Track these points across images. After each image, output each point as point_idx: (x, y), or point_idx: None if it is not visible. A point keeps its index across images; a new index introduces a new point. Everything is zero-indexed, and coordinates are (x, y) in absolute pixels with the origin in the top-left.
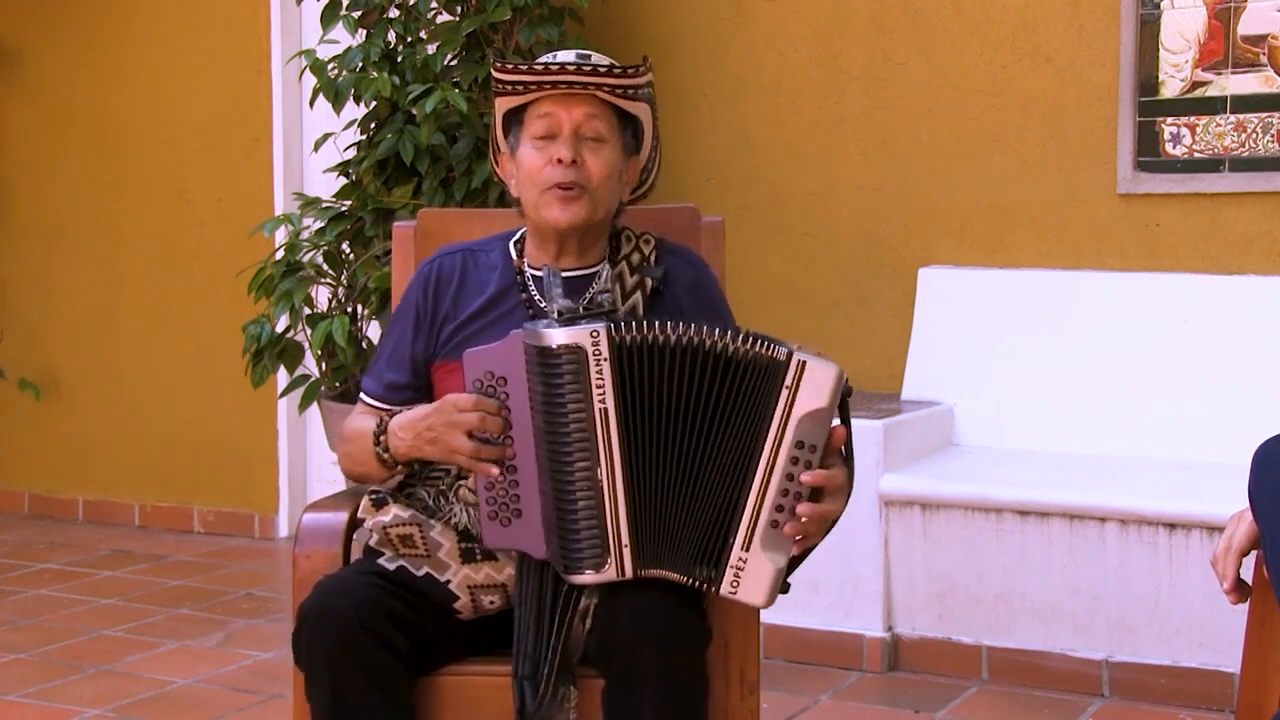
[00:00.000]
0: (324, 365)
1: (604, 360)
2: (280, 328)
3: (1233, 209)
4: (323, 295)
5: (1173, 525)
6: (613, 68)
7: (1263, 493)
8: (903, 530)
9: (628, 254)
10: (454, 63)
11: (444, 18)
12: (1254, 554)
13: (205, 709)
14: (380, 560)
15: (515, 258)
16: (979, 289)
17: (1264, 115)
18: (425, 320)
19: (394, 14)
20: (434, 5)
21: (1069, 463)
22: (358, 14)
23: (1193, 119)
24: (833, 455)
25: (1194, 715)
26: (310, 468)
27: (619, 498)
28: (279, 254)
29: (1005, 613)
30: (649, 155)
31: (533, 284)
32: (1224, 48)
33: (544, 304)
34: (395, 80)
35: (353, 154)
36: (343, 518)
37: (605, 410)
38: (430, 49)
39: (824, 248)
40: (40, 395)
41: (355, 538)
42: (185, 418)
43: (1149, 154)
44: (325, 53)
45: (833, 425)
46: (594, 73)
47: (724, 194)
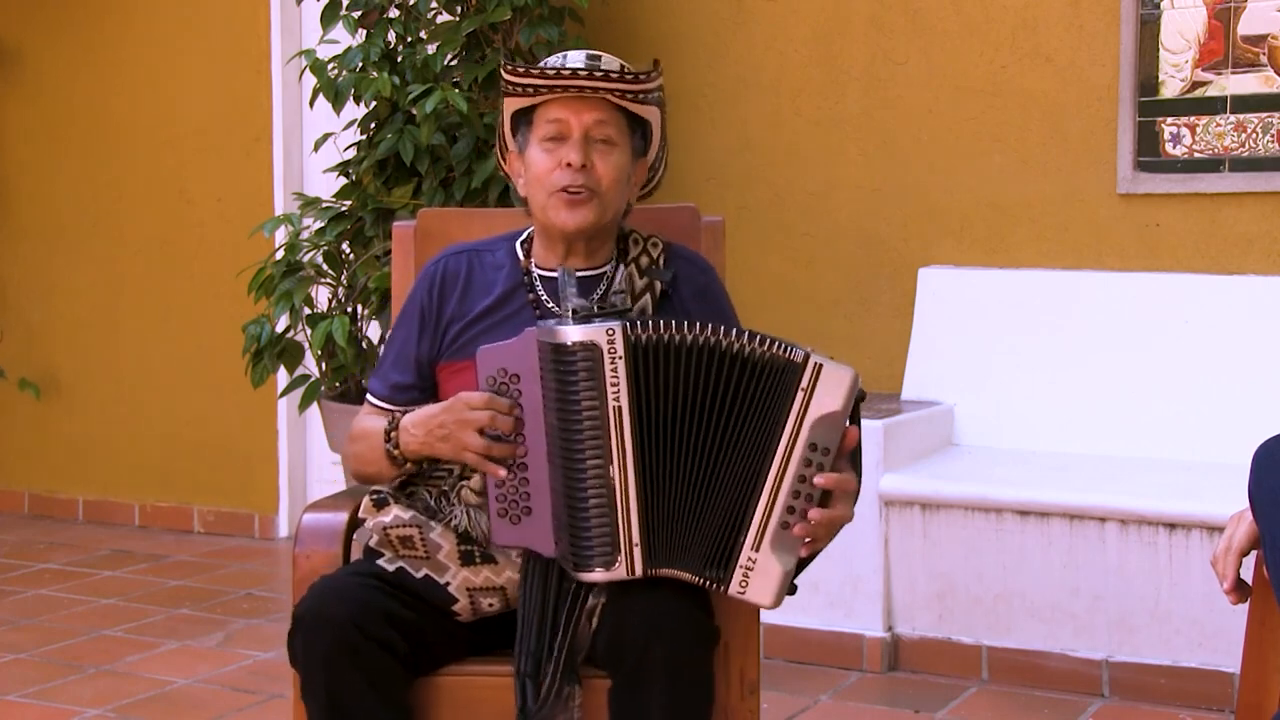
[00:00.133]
0: (324, 365)
1: (619, 358)
2: (280, 328)
3: (1233, 209)
4: (323, 295)
5: (1173, 525)
6: (625, 73)
7: (1263, 493)
8: (903, 530)
9: (636, 256)
10: (454, 63)
11: (444, 18)
12: (1254, 554)
13: (205, 709)
14: (380, 561)
15: (522, 258)
16: (979, 289)
17: (1264, 115)
18: (430, 321)
19: (394, 14)
20: (434, 5)
21: (1069, 463)
22: (358, 14)
23: (1193, 119)
24: (844, 458)
25: (1194, 715)
26: (310, 468)
27: (631, 496)
28: (279, 254)
29: (1005, 613)
30: (656, 156)
31: (540, 285)
32: (1224, 48)
33: (551, 304)
34: (395, 80)
35: (353, 154)
36: (343, 518)
37: (619, 408)
38: (430, 49)
39: (824, 248)
40: (40, 395)
41: (355, 538)
42: (185, 418)
43: (1149, 154)
44: (325, 53)
45: (845, 428)
46: (606, 78)
47: (724, 194)
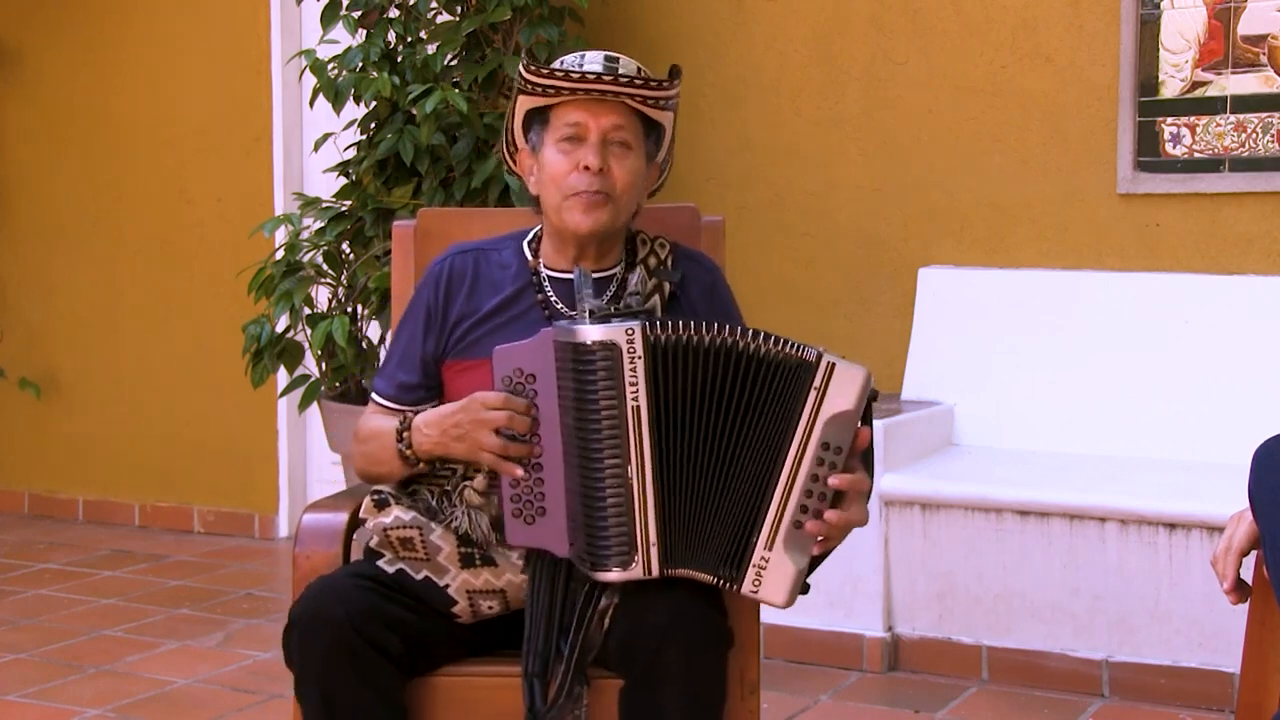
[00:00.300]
0: (324, 365)
1: (638, 358)
2: (280, 328)
3: (1233, 209)
4: (323, 295)
5: (1173, 525)
6: (648, 80)
7: (1263, 493)
8: (903, 530)
9: (644, 257)
10: (454, 63)
11: (444, 18)
12: (1254, 554)
13: (205, 709)
14: (380, 563)
15: (530, 258)
16: (979, 289)
17: (1264, 115)
18: (436, 319)
19: (394, 14)
20: (434, 5)
21: (1069, 463)
22: (358, 14)
23: (1193, 119)
24: (856, 457)
25: (1194, 715)
26: (310, 468)
27: (648, 496)
28: (279, 254)
29: (1005, 613)
30: (665, 158)
31: (549, 285)
32: (1224, 48)
33: (560, 305)
34: (395, 80)
35: (353, 154)
36: (343, 518)
37: (638, 408)
38: (430, 49)
39: (824, 248)
40: (40, 395)
41: (355, 538)
42: (185, 418)
43: (1149, 154)
44: (325, 53)
45: (857, 428)
46: (630, 83)
47: (724, 194)
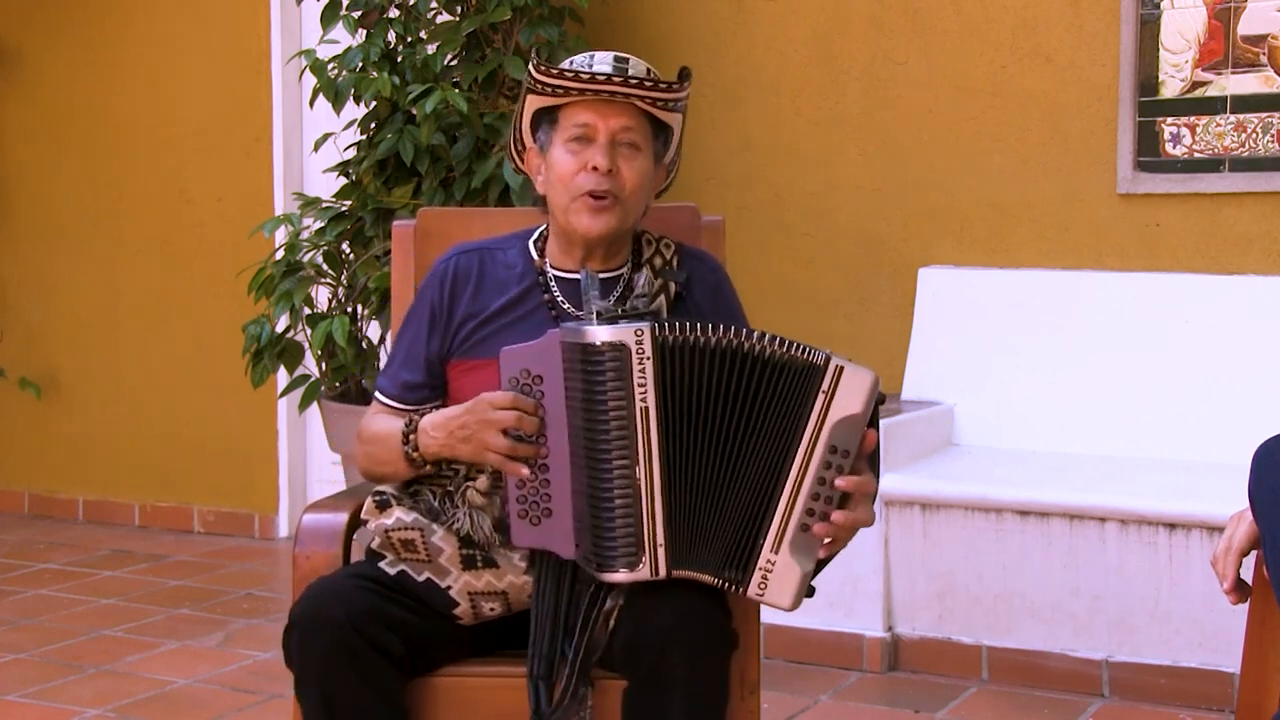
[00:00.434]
0: (324, 365)
1: (647, 359)
2: (280, 328)
3: (1233, 209)
4: (323, 295)
5: (1173, 525)
6: (658, 82)
7: (1263, 493)
8: (903, 530)
9: (649, 257)
10: (454, 63)
11: (444, 18)
12: (1254, 554)
13: (205, 709)
14: (381, 564)
15: (536, 258)
16: (979, 289)
17: (1264, 115)
18: (441, 319)
19: (394, 14)
20: (434, 5)
21: (1069, 463)
22: (358, 14)
23: (1193, 119)
24: (864, 460)
25: (1194, 715)
26: (310, 468)
27: (656, 497)
28: (279, 254)
29: (1005, 613)
30: (672, 159)
31: (556, 285)
32: (1224, 48)
33: (567, 305)
34: (395, 80)
35: (353, 154)
36: (343, 518)
37: (646, 409)
38: (430, 49)
39: (824, 248)
40: (40, 395)
41: (356, 538)
42: (185, 418)
43: (1149, 154)
44: (325, 53)
45: (865, 430)
46: (639, 85)
47: (724, 194)
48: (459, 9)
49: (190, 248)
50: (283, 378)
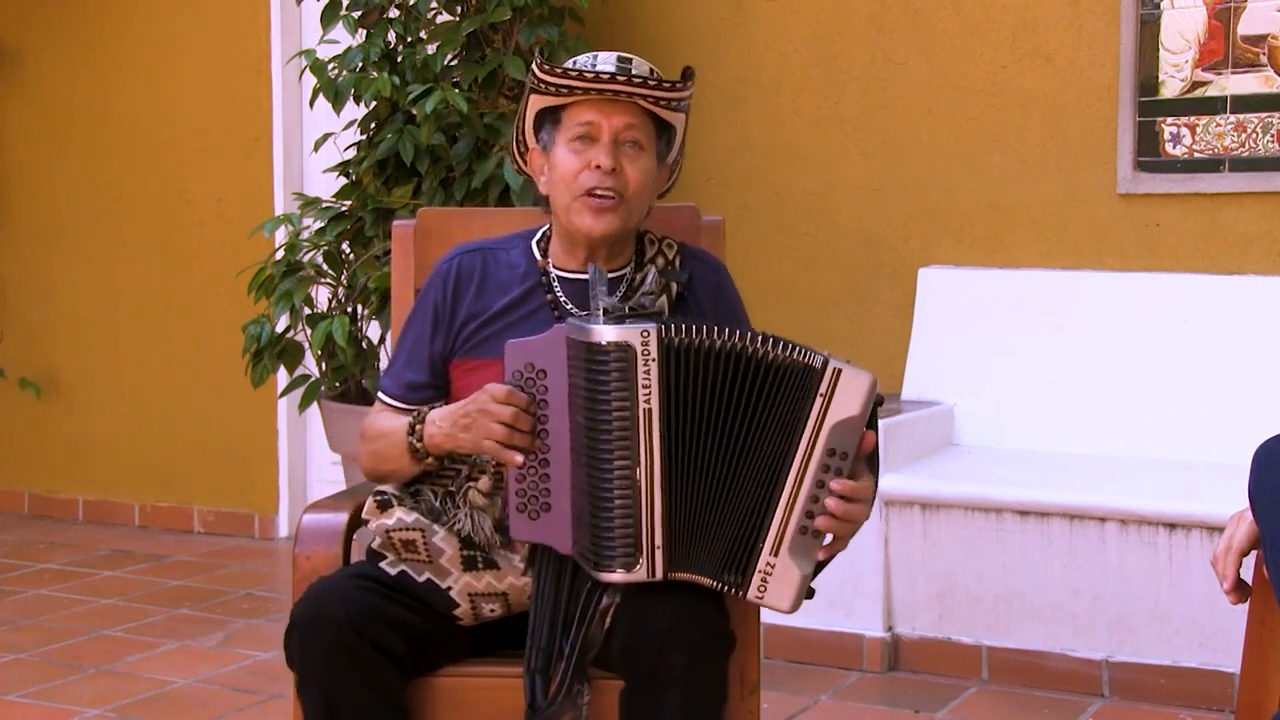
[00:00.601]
0: (324, 365)
1: (652, 361)
2: (280, 328)
3: (1233, 209)
4: (323, 295)
5: (1173, 525)
6: (661, 81)
7: (1263, 493)
8: (903, 530)
9: (652, 257)
10: (454, 63)
11: (444, 18)
12: (1254, 554)
13: (205, 709)
14: (382, 565)
15: (539, 258)
16: (979, 289)
17: (1264, 115)
18: (445, 318)
19: (394, 14)
20: (434, 5)
21: (1069, 463)
22: (358, 14)
23: (1193, 119)
24: (862, 462)
25: (1194, 715)
26: (310, 468)
27: (656, 498)
28: (279, 254)
29: (1005, 613)
30: (675, 160)
31: (559, 286)
32: (1224, 48)
33: (569, 306)
34: (395, 80)
35: (353, 154)
36: (343, 518)
37: (650, 411)
38: (430, 49)
39: (824, 248)
40: (40, 395)
41: (356, 538)
42: (185, 418)
43: (1149, 154)
44: (325, 53)
45: (863, 432)
46: (643, 84)
47: (724, 194)
48: (459, 9)
49: (190, 248)
50: (283, 378)
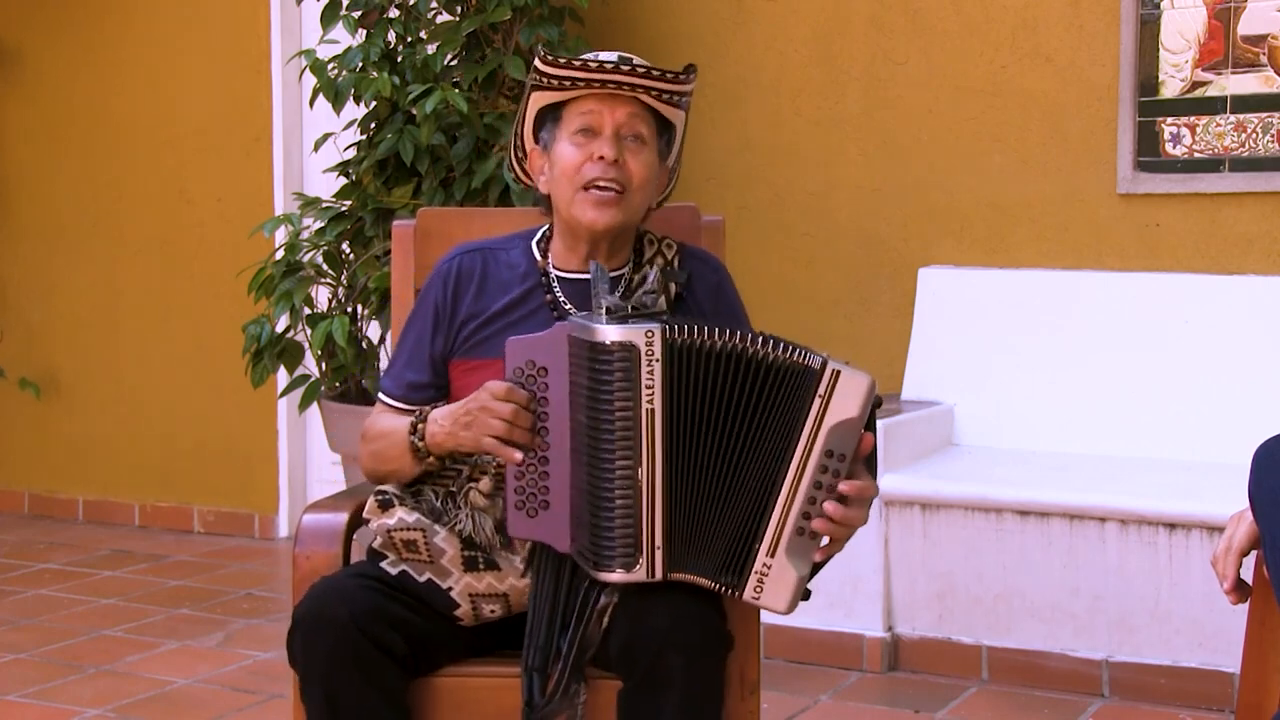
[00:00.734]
0: (324, 365)
1: (656, 361)
2: (280, 328)
3: (1233, 209)
4: (323, 295)
5: (1173, 525)
6: (664, 73)
7: (1263, 493)
8: (903, 530)
9: (651, 257)
10: (454, 63)
11: (444, 18)
12: (1254, 554)
13: (205, 709)
14: (383, 564)
15: (539, 258)
16: (979, 289)
17: (1264, 115)
18: (445, 318)
19: (394, 14)
20: (434, 5)
21: (1069, 463)
22: (358, 14)
23: (1193, 119)
24: (860, 464)
25: (1194, 715)
26: (310, 468)
27: (656, 499)
28: (279, 254)
29: (1005, 613)
30: (675, 161)
31: (559, 286)
32: (1224, 48)
33: (569, 306)
34: (395, 80)
35: (353, 154)
36: (343, 518)
37: (652, 411)
38: (430, 49)
39: (824, 248)
40: (40, 395)
41: (357, 538)
42: (185, 418)
43: (1149, 154)
44: (325, 53)
45: (861, 434)
46: (646, 75)
47: (724, 194)
48: (459, 9)
49: (190, 248)
50: (283, 378)
